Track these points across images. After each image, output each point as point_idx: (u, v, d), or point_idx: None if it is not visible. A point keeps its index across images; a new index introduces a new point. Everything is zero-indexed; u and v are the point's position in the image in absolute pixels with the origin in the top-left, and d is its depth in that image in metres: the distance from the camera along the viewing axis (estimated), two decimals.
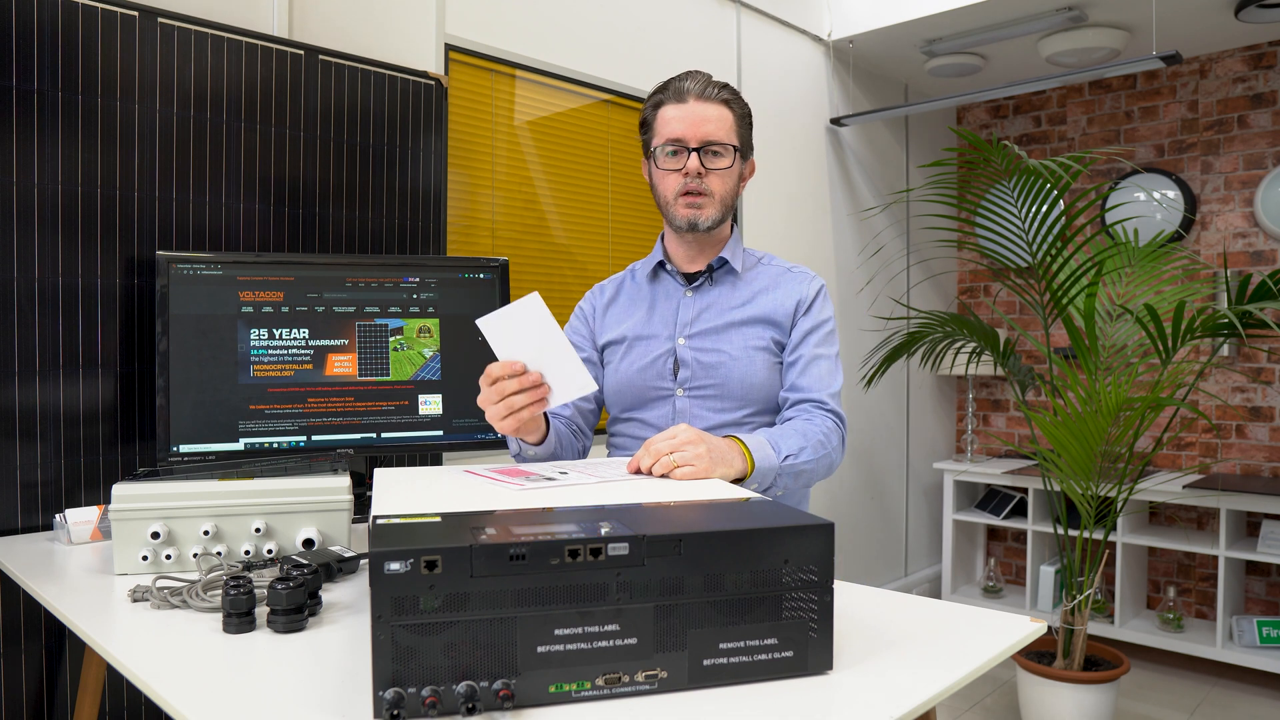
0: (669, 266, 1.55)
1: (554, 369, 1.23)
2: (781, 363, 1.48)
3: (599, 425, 1.71)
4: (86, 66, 1.60)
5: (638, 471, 1.18)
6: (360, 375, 1.71)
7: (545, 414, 1.39)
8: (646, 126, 1.50)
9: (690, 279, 1.53)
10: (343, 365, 1.70)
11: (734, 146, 1.45)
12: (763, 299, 1.49)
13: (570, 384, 1.23)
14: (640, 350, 1.52)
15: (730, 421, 1.46)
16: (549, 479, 1.10)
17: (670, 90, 1.46)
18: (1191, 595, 3.72)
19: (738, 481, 1.24)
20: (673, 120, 1.44)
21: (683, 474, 1.15)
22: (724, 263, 1.52)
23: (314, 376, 1.67)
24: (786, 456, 1.31)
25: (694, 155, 1.43)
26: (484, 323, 1.20)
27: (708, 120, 1.43)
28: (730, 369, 1.45)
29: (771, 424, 1.48)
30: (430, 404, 1.74)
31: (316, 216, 1.92)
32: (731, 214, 1.51)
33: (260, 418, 1.63)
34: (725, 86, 1.47)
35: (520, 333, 1.21)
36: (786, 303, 1.48)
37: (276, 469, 1.34)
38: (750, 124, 1.51)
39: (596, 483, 1.09)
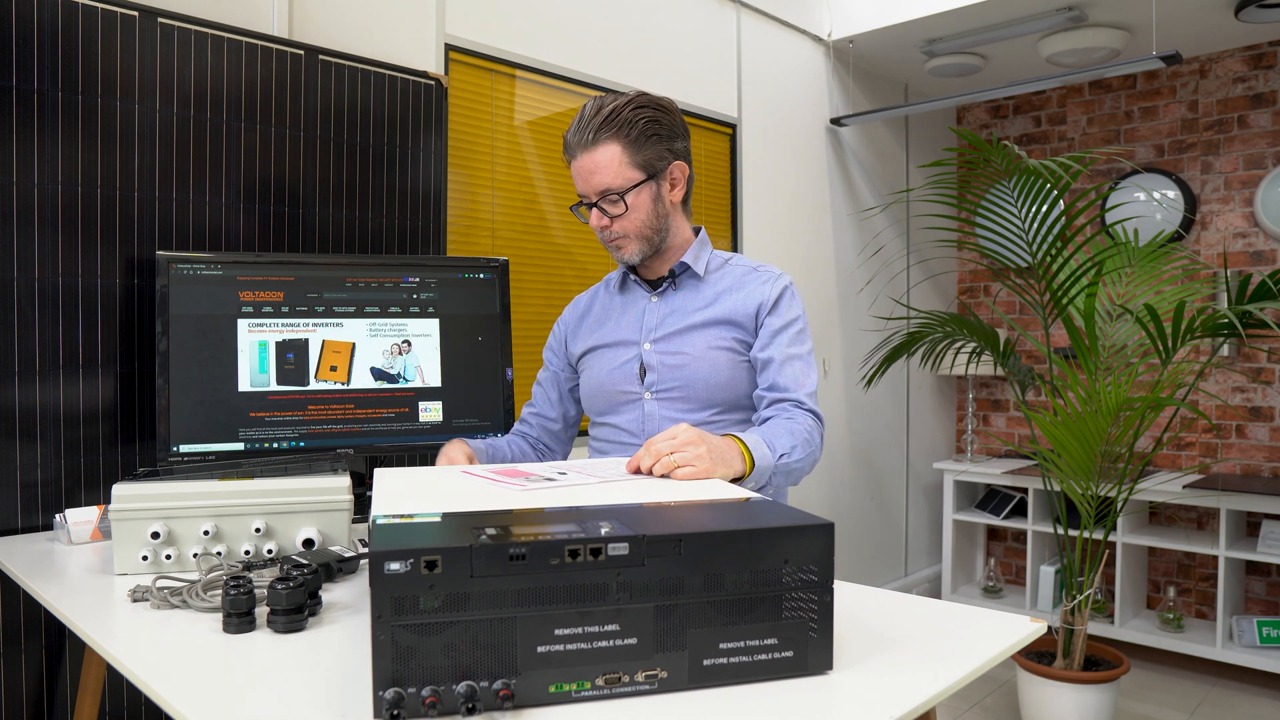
0: (633, 277, 1.58)
1: None
2: (748, 362, 1.49)
3: (581, 427, 1.74)
4: (86, 66, 1.60)
5: (638, 471, 1.18)
6: None
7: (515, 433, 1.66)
8: None
9: (655, 285, 1.56)
10: None
11: (625, 189, 1.42)
12: (725, 300, 1.50)
13: None
14: (610, 357, 1.55)
15: (697, 422, 1.47)
16: (549, 479, 1.10)
17: (565, 145, 1.47)
18: (1191, 595, 3.72)
19: (736, 481, 1.25)
20: (575, 178, 1.47)
21: (683, 474, 1.15)
22: (686, 267, 1.53)
23: None
24: (781, 455, 1.32)
25: (594, 210, 1.46)
26: None
27: (594, 171, 1.43)
28: (694, 370, 1.47)
29: (740, 423, 1.49)
30: (430, 410, 1.74)
31: (316, 216, 1.92)
32: (662, 233, 1.49)
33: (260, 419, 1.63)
34: (608, 119, 1.40)
35: None
36: (748, 304, 1.49)
37: (276, 469, 1.35)
38: (655, 131, 1.43)
39: (597, 483, 1.09)
